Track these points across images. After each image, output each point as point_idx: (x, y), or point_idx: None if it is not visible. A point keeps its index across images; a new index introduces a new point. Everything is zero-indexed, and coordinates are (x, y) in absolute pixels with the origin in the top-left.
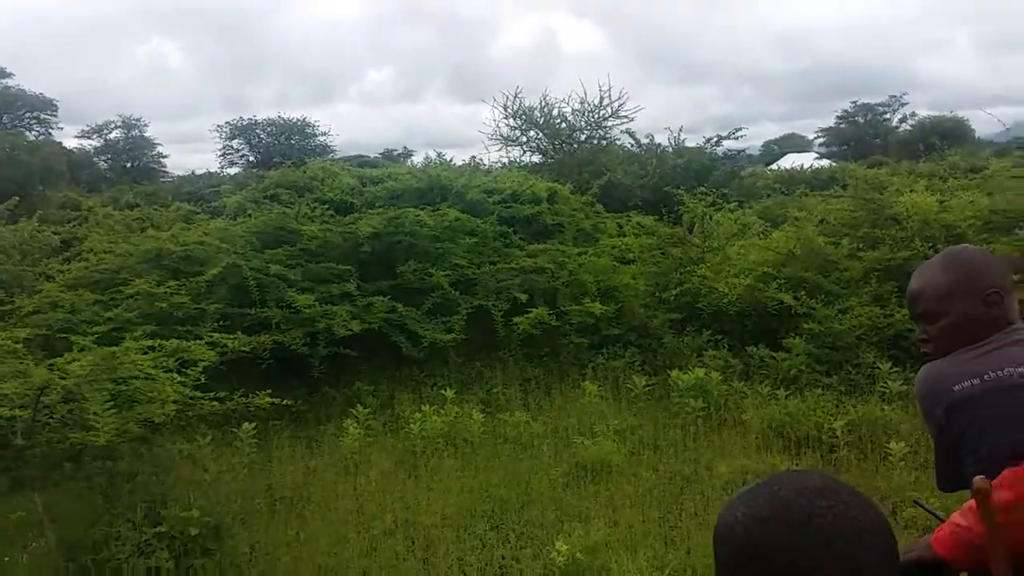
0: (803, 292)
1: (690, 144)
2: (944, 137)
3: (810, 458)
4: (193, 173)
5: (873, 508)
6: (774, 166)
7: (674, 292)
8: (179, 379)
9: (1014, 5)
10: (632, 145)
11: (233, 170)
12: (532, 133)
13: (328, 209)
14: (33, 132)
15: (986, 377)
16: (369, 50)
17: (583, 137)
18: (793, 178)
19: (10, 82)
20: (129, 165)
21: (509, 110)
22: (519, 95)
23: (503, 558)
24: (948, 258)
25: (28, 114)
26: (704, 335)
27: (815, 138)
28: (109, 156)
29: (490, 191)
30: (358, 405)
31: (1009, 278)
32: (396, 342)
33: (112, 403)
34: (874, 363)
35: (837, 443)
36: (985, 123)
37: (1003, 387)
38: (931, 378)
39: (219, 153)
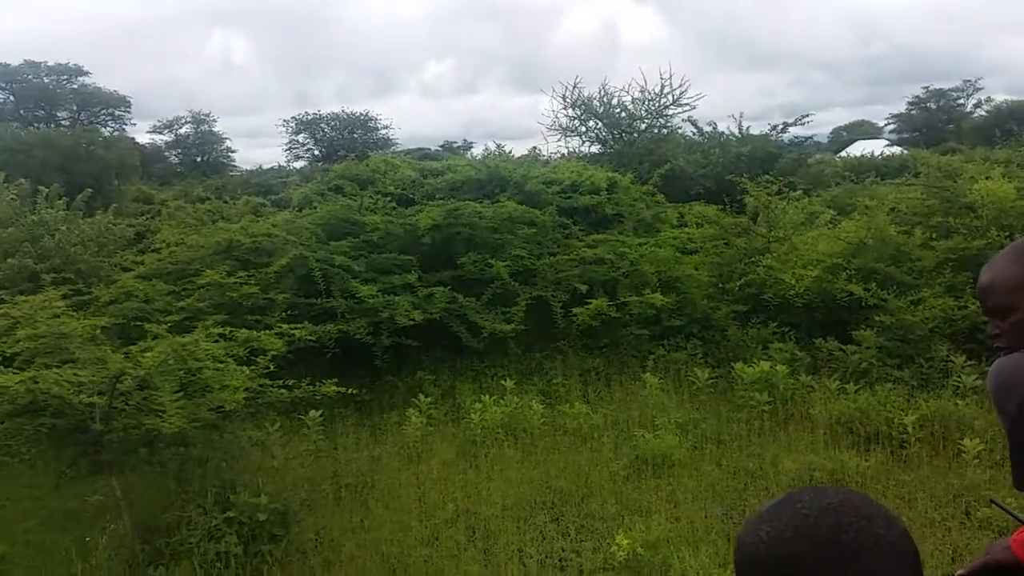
0: (874, 283)
1: (755, 131)
2: (1022, 122)
3: (880, 454)
4: (260, 167)
5: (896, 523)
6: (843, 153)
7: (738, 283)
8: (247, 372)
9: None
10: (694, 134)
11: (299, 164)
12: (591, 123)
13: (390, 201)
14: (108, 128)
15: None
16: (429, 43)
17: (643, 126)
18: (862, 165)
19: (87, 80)
20: (199, 159)
21: (568, 100)
22: (578, 85)
23: (563, 551)
24: (1019, 249)
25: (103, 111)
26: (770, 327)
27: (885, 125)
28: (180, 151)
29: (549, 182)
30: (420, 395)
31: None
32: (456, 332)
33: (182, 392)
34: (947, 356)
35: (908, 439)
36: None
37: None
38: (1004, 372)
39: (285, 147)
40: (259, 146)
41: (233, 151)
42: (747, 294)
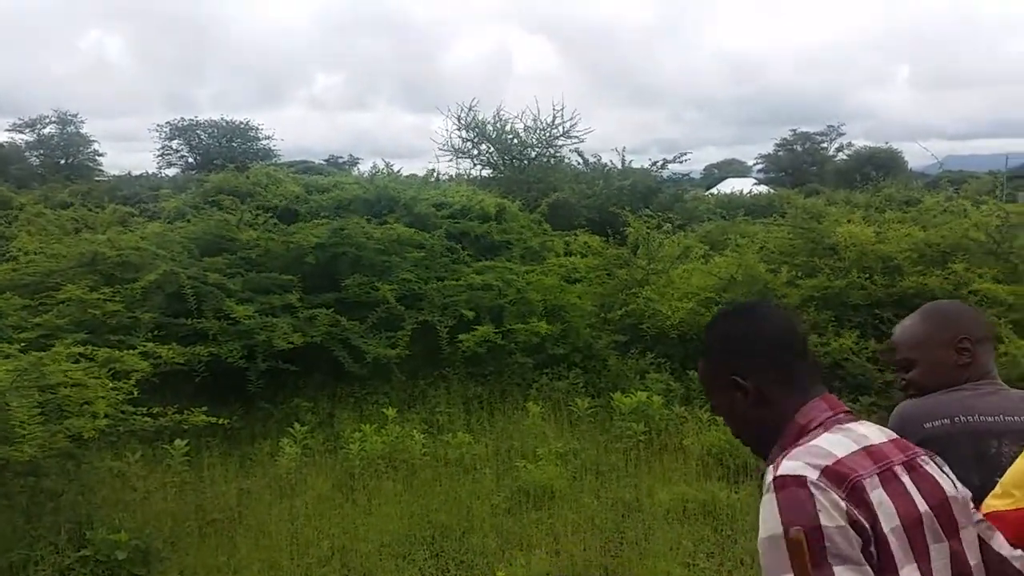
0: None
1: (635, 165)
2: (879, 168)
3: (749, 486)
4: (130, 173)
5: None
6: (714, 190)
7: (619, 313)
8: (111, 385)
9: (949, 47)
10: (579, 164)
11: (171, 171)
12: (484, 146)
13: (271, 217)
14: None
15: (957, 420)
16: (319, 54)
17: (533, 154)
18: (732, 203)
19: None
20: (63, 162)
21: (463, 121)
22: (474, 107)
23: None
24: (925, 311)
25: None
26: (647, 357)
27: (754, 164)
28: (42, 152)
29: (439, 205)
30: (296, 423)
31: (983, 328)
32: (338, 357)
33: (41, 411)
34: None
35: None
36: (916, 155)
37: (971, 431)
38: (905, 415)
39: (157, 153)
40: (129, 151)
41: (101, 155)
42: (627, 324)
